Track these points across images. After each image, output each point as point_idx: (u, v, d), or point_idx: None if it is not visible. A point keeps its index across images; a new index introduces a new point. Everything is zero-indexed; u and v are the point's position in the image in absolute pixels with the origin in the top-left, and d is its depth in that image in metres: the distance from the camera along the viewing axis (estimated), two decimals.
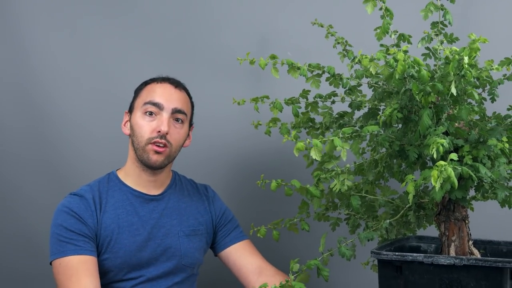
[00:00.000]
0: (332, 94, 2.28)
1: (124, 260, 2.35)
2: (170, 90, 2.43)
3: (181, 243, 2.44)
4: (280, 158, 2.96)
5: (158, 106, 2.38)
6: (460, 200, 1.99)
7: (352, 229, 2.36)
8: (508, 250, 2.25)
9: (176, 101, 2.41)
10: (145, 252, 2.38)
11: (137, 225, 2.39)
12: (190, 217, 2.50)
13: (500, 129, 1.98)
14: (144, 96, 2.42)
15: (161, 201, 2.47)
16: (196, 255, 2.49)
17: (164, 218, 2.44)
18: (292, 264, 2.09)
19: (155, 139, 2.36)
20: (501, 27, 2.83)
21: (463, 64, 1.83)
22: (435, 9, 2.08)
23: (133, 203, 2.42)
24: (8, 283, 3.12)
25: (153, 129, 2.36)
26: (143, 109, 2.39)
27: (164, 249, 2.41)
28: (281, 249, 2.81)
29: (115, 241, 2.35)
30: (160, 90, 2.42)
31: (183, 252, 2.44)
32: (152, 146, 2.36)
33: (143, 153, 2.37)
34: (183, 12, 3.08)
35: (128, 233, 2.37)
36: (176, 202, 2.49)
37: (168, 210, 2.47)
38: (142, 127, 2.38)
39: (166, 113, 2.38)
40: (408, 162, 2.07)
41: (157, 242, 2.41)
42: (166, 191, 2.49)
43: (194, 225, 2.49)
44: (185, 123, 2.45)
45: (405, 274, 1.99)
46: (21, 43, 3.09)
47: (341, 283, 2.99)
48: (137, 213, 2.41)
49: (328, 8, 2.90)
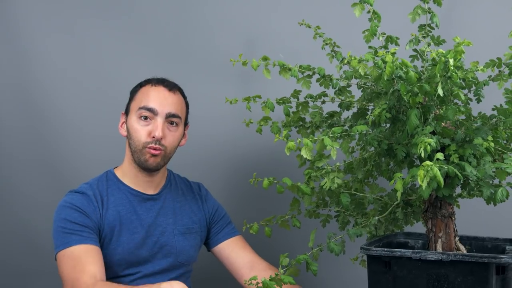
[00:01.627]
0: (322, 95, 2.30)
1: (122, 257, 2.37)
2: (164, 94, 2.42)
3: (177, 241, 2.47)
4: (272, 157, 2.98)
5: (152, 111, 2.38)
6: (447, 197, 2.01)
7: (341, 226, 2.38)
8: (493, 246, 2.28)
9: (170, 105, 2.41)
10: (142, 250, 2.41)
11: (135, 223, 2.41)
12: (184, 216, 2.52)
13: (486, 129, 2.00)
14: (139, 99, 2.42)
15: (157, 201, 2.49)
16: (191, 252, 2.52)
17: (160, 217, 2.47)
18: (281, 258, 2.11)
19: (151, 144, 2.37)
20: (486, 29, 2.83)
21: (449, 66, 1.85)
22: (423, 12, 2.11)
23: (131, 201, 2.44)
24: (7, 278, 3.13)
25: (148, 133, 2.38)
26: (138, 113, 2.40)
27: (160, 247, 2.44)
28: (273, 244, 2.82)
29: (115, 238, 2.37)
30: (154, 94, 2.41)
31: (178, 250, 2.47)
32: (148, 150, 2.38)
33: (140, 155, 2.39)
34: (178, 15, 3.10)
35: (127, 230, 2.39)
36: (172, 202, 2.52)
37: (164, 209, 2.49)
38: (137, 131, 2.39)
39: (160, 118, 2.39)
40: (396, 161, 2.09)
41: (154, 240, 2.43)
42: (162, 191, 2.51)
43: (189, 224, 2.52)
44: (179, 125, 2.46)
45: (394, 270, 2.01)
46: (21, 45, 3.10)
47: (331, 279, 3.01)
48: (135, 212, 2.43)
49: (318, 11, 2.91)
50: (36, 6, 3.10)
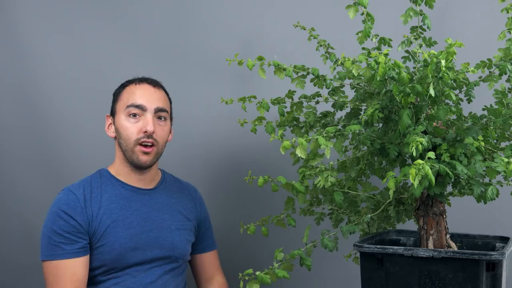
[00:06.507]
0: (316, 95, 2.32)
1: (119, 252, 2.38)
2: (149, 90, 2.46)
3: (173, 236, 2.49)
4: (266, 156, 2.99)
5: (141, 108, 2.41)
6: (438, 196, 2.03)
7: (335, 223, 2.40)
8: (484, 243, 2.30)
9: (157, 101, 2.45)
10: (139, 244, 2.41)
11: (130, 219, 2.42)
12: (179, 213, 2.54)
13: (476, 128, 2.02)
14: (125, 99, 2.44)
15: (153, 195, 2.50)
16: (187, 247, 2.54)
17: (156, 212, 2.48)
18: (276, 253, 2.14)
19: (142, 139, 2.40)
20: (476, 31, 2.85)
21: (440, 67, 1.87)
22: (415, 14, 2.13)
23: (126, 197, 2.45)
24: (4, 275, 3.15)
25: (139, 129, 2.40)
26: (127, 111, 2.42)
27: (157, 241, 2.45)
28: (268, 241, 2.85)
29: (109, 234, 2.38)
30: (140, 91, 2.44)
31: (175, 244, 2.48)
32: (140, 148, 2.40)
33: (132, 154, 2.41)
34: (174, 17, 3.11)
35: (122, 226, 2.40)
36: (167, 198, 2.53)
37: (160, 204, 2.50)
38: (128, 129, 2.41)
39: (149, 113, 2.42)
40: (389, 160, 2.11)
41: (151, 235, 2.44)
42: (158, 187, 2.53)
43: (183, 220, 2.54)
44: (167, 119, 2.49)
45: (386, 266, 2.03)
46: (20, 46, 3.12)
47: (324, 276, 3.03)
48: (130, 207, 2.44)
49: (312, 13, 2.93)
50: (36, 7, 3.12)
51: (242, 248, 3.07)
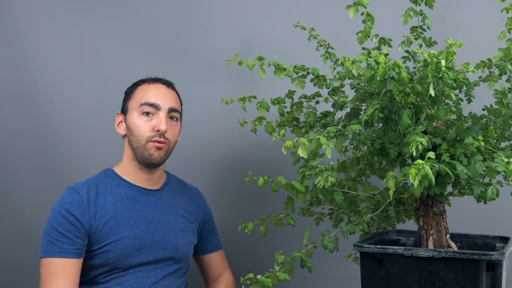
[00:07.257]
0: (316, 95, 2.33)
1: (123, 252, 2.38)
2: (164, 90, 2.47)
3: (177, 237, 2.49)
4: (266, 156, 2.99)
5: (155, 107, 2.42)
6: (438, 195, 2.03)
7: (335, 224, 2.41)
8: (484, 243, 2.31)
9: (170, 101, 2.46)
10: (143, 245, 2.41)
11: (135, 219, 2.42)
12: (183, 215, 2.54)
13: (476, 128, 2.02)
14: (139, 97, 2.45)
15: (158, 196, 2.50)
16: (190, 249, 2.55)
17: (160, 213, 2.48)
18: (277, 256, 2.15)
19: (155, 137, 2.40)
20: (476, 31, 2.86)
21: (440, 67, 1.87)
22: (415, 14, 2.13)
23: (131, 197, 2.45)
24: (5, 275, 3.15)
25: (152, 127, 2.41)
26: (140, 110, 2.42)
27: (161, 242, 2.45)
28: (268, 242, 2.85)
29: (114, 234, 2.37)
30: (154, 90, 2.46)
31: (179, 245, 2.49)
32: (153, 144, 2.40)
33: (144, 150, 2.41)
34: (174, 17, 3.12)
35: (127, 226, 2.40)
36: (172, 199, 2.54)
37: (165, 206, 2.50)
38: (140, 127, 2.42)
39: (163, 112, 2.42)
40: (389, 160, 2.11)
41: (156, 236, 2.44)
42: (163, 188, 2.54)
43: (186, 222, 2.54)
44: (178, 120, 2.50)
45: (386, 266, 2.04)
46: (20, 46, 3.12)
47: (324, 275, 3.03)
48: (135, 207, 2.44)
49: (312, 13, 2.94)
50: (35, 8, 3.12)
51: (242, 248, 3.07)
